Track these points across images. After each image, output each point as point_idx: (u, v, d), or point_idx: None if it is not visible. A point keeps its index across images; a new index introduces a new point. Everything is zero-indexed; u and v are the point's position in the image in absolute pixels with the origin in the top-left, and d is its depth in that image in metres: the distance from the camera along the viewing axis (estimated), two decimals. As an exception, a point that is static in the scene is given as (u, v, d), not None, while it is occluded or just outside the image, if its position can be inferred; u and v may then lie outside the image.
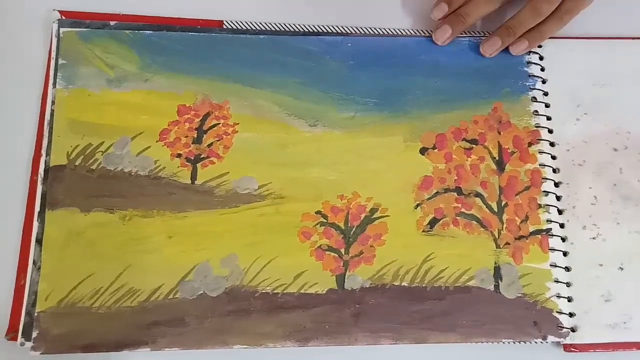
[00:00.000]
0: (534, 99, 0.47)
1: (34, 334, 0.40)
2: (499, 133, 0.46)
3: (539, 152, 0.46)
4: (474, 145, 0.46)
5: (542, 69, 0.48)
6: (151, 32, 0.47)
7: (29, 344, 0.39)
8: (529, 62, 0.48)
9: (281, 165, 0.45)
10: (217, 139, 0.45)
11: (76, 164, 0.43)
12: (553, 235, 0.44)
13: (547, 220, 0.44)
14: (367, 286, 0.42)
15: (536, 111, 0.47)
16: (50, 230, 0.42)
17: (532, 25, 0.47)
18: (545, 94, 0.48)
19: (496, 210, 0.44)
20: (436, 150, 0.46)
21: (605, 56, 0.49)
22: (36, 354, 0.39)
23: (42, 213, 0.42)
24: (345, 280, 0.42)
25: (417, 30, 0.49)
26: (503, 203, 0.45)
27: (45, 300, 0.40)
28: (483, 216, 0.44)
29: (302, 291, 0.42)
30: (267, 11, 0.48)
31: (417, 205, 0.44)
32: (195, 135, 0.45)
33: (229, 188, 0.44)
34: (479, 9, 0.47)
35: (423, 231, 0.44)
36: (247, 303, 0.41)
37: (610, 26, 0.50)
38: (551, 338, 0.42)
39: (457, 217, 0.44)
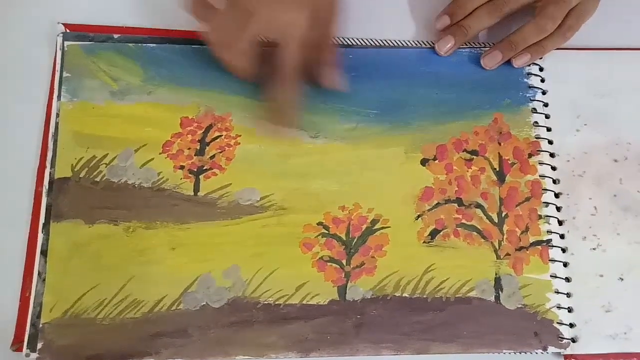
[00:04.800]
0: (534, 110, 0.48)
1: (39, 345, 0.40)
2: (500, 144, 0.46)
3: (539, 163, 0.46)
4: (475, 157, 0.46)
5: (542, 80, 0.48)
6: (154, 44, 0.47)
7: (34, 355, 0.40)
8: (529, 74, 0.48)
9: (283, 176, 0.45)
10: (219, 150, 0.45)
11: (80, 176, 0.44)
12: (553, 246, 0.44)
13: (548, 231, 0.45)
14: (369, 297, 0.42)
15: (536, 122, 0.47)
16: (55, 242, 0.42)
17: (535, 41, 0.47)
18: (546, 105, 0.48)
19: (496, 221, 0.45)
20: (437, 161, 0.46)
21: (605, 67, 0.49)
22: (41, 365, 0.40)
23: (46, 225, 0.42)
24: (347, 291, 0.43)
25: (418, 42, 0.49)
26: (503, 214, 0.45)
27: (50, 311, 0.41)
28: (483, 227, 0.44)
29: (304, 302, 0.42)
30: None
31: (418, 217, 0.45)
32: (198, 147, 0.45)
33: (231, 199, 0.44)
34: (481, 22, 0.47)
35: (424, 242, 0.44)
36: (249, 314, 0.42)
37: (610, 37, 0.50)
38: (552, 349, 0.42)
39: (458, 228, 0.44)
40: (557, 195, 0.46)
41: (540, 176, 0.46)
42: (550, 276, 0.44)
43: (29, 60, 0.47)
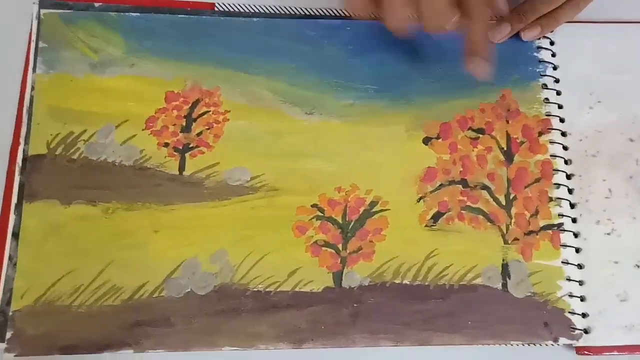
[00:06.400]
0: (545, 86, 0.45)
1: (8, 335, 0.38)
2: (507, 122, 0.44)
3: (550, 142, 0.43)
4: (481, 135, 0.43)
5: (554, 55, 0.46)
6: (138, 14, 0.44)
7: (2, 345, 0.37)
8: (540, 47, 0.46)
9: (275, 155, 0.42)
10: (207, 127, 0.43)
11: (56, 153, 0.41)
12: (565, 230, 0.42)
13: (559, 215, 0.42)
14: (366, 284, 0.40)
15: (547, 99, 0.45)
16: (28, 224, 0.40)
17: (546, 12, 0.45)
18: (557, 80, 0.45)
19: (504, 203, 0.42)
20: (440, 140, 0.43)
21: (621, 41, 0.46)
22: (10, 356, 0.37)
23: (19, 205, 0.40)
24: (343, 277, 0.40)
25: (420, 14, 0.46)
26: (511, 196, 0.42)
27: (21, 298, 0.38)
28: (490, 210, 0.42)
29: (296, 289, 0.40)
30: (262, -7, 0.46)
31: (420, 199, 0.42)
32: (184, 124, 0.43)
33: (220, 179, 0.42)
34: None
35: (426, 226, 0.41)
36: (237, 302, 0.39)
37: (626, 10, 0.47)
38: (563, 340, 0.40)
39: (463, 211, 0.42)
40: (569, 177, 0.43)
41: (551, 156, 0.43)
42: (562, 262, 0.41)
43: (3, 30, 0.44)
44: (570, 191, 0.43)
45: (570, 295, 0.40)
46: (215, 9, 0.45)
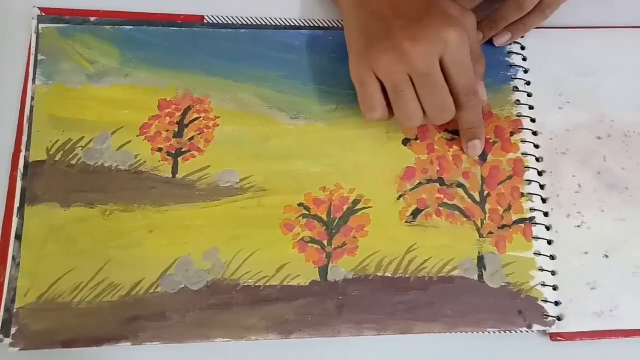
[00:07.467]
0: (516, 89, 0.47)
1: (13, 330, 0.39)
2: (481, 123, 0.46)
3: (521, 141, 0.46)
4: (456, 136, 0.45)
5: (524, 59, 0.48)
6: (132, 27, 0.47)
7: (7, 340, 0.39)
8: (510, 52, 0.48)
9: (263, 158, 0.44)
10: (198, 132, 0.45)
11: (56, 159, 0.43)
12: (537, 223, 0.44)
13: (531, 209, 0.44)
14: (350, 277, 0.42)
15: (518, 100, 0.47)
16: (30, 226, 0.41)
17: (514, 20, 0.47)
18: (527, 83, 0.47)
19: (478, 200, 0.44)
20: (418, 141, 0.45)
21: (588, 45, 0.49)
22: (15, 350, 0.39)
23: (21, 208, 0.42)
24: (328, 271, 0.42)
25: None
26: (485, 193, 0.44)
27: (25, 296, 0.40)
28: (465, 206, 0.44)
29: (284, 283, 0.41)
30: (248, 5, 0.48)
31: (400, 196, 0.44)
32: (176, 129, 0.45)
33: (210, 181, 0.43)
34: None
35: (406, 222, 0.43)
36: (228, 296, 0.41)
37: (593, 16, 0.50)
38: (536, 327, 0.41)
39: (440, 208, 0.44)
40: (540, 173, 0.45)
41: (522, 154, 0.45)
42: (534, 254, 0.43)
43: (4, 43, 0.46)
44: (541, 187, 0.45)
45: (543, 285, 0.42)
46: (205, 21, 0.48)
